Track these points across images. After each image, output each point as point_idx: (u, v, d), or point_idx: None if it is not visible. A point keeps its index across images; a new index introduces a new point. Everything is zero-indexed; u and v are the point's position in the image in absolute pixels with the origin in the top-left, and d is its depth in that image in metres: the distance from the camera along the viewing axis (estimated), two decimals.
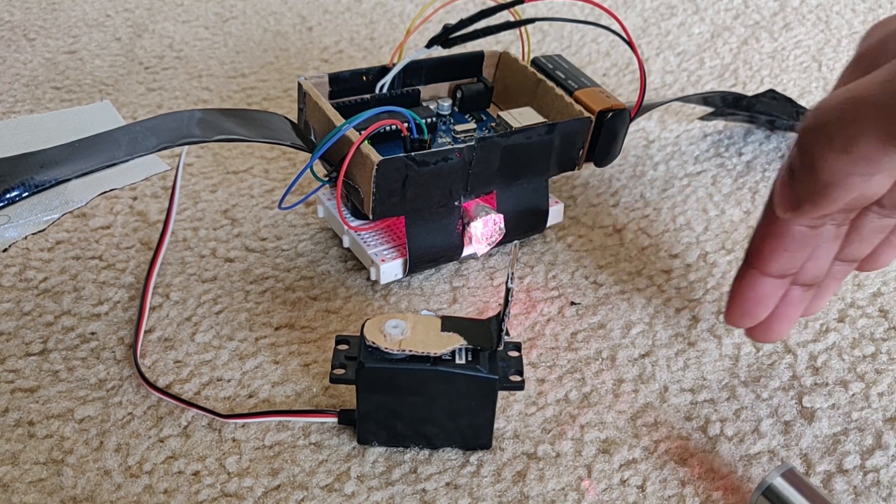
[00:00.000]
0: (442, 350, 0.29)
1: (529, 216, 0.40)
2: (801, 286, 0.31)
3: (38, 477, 0.30)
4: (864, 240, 0.31)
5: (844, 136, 0.24)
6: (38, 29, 0.60)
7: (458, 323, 0.30)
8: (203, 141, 0.32)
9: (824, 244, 0.30)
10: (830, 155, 0.25)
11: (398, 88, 0.42)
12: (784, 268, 0.30)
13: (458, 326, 0.30)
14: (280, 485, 0.30)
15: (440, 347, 0.29)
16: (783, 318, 0.32)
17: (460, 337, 0.29)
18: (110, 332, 0.36)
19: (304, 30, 0.61)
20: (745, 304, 0.31)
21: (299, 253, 0.40)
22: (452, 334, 0.29)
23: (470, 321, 0.30)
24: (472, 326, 0.30)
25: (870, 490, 0.30)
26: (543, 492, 0.30)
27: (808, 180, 0.26)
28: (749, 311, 0.31)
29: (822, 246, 0.30)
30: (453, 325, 0.30)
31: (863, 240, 0.31)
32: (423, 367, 0.29)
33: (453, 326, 0.30)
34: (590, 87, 0.41)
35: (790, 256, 0.30)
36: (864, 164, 0.25)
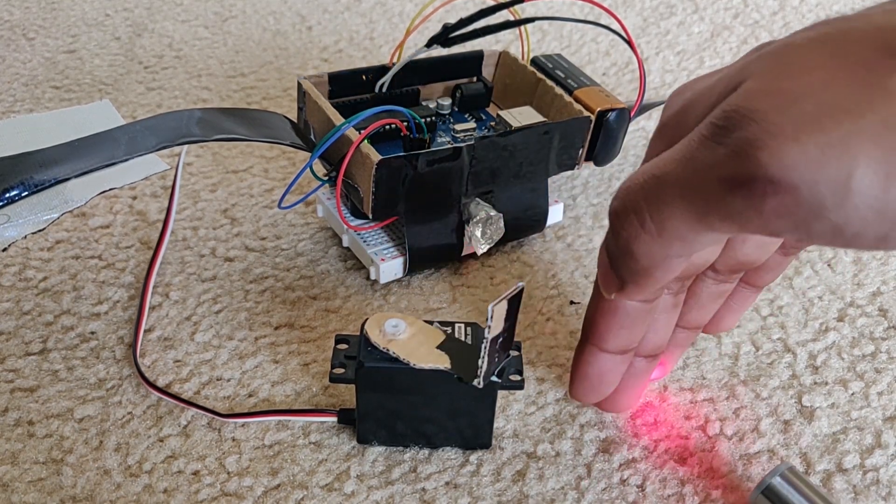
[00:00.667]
0: (421, 364, 0.29)
1: (529, 215, 0.40)
2: (643, 357, 0.30)
3: (37, 476, 0.30)
4: (703, 306, 0.31)
5: (655, 218, 0.23)
6: (38, 28, 0.60)
7: (458, 347, 0.29)
8: (202, 140, 0.32)
9: (663, 314, 0.29)
10: (644, 239, 0.23)
11: (398, 88, 0.42)
12: (622, 344, 0.28)
13: (455, 350, 0.29)
14: (280, 484, 0.30)
15: (421, 361, 0.29)
16: (630, 390, 0.31)
17: (448, 360, 0.29)
18: (110, 331, 0.36)
19: (304, 29, 0.61)
20: (587, 380, 0.29)
21: (299, 252, 0.40)
22: (443, 354, 0.29)
23: (473, 347, 0.30)
24: (471, 353, 0.29)
25: (869, 489, 0.30)
26: (543, 491, 0.30)
27: (627, 264, 0.25)
28: (593, 387, 0.30)
29: (661, 316, 0.29)
30: (453, 347, 0.29)
31: (702, 306, 0.30)
32: (423, 367, 0.29)
33: (451, 348, 0.29)
34: (589, 86, 0.41)
35: (627, 333, 0.28)
36: (679, 246, 0.23)
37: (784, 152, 0.19)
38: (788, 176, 0.19)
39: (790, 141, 0.19)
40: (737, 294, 0.31)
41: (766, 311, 0.38)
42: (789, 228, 0.20)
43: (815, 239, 0.20)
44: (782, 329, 0.37)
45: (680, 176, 0.22)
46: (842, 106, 0.19)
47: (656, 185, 0.23)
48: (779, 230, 0.20)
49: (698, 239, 0.23)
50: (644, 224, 0.23)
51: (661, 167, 0.23)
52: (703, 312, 0.31)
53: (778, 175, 0.19)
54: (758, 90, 0.21)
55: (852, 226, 0.19)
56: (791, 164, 0.19)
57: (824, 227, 0.20)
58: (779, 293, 0.39)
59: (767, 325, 0.37)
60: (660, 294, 0.28)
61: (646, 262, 0.24)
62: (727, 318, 0.32)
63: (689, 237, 0.23)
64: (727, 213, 0.21)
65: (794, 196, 0.19)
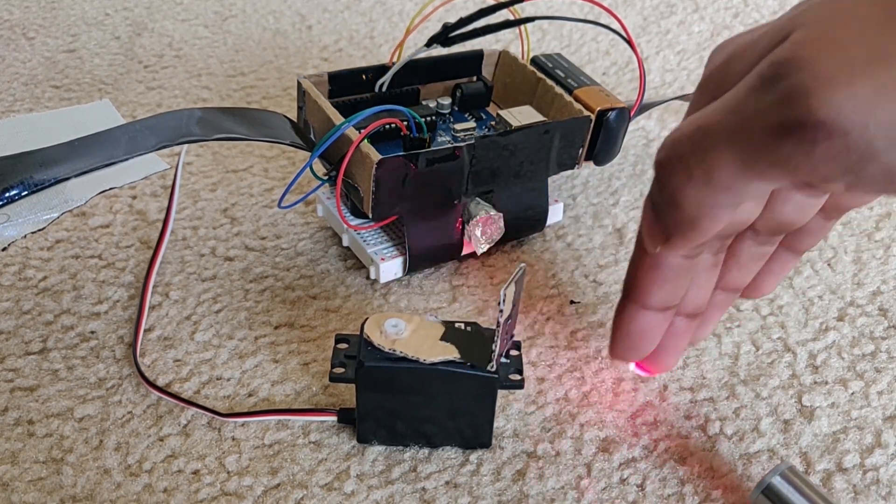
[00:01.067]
0: (431, 358, 0.29)
1: (529, 215, 0.40)
2: (684, 316, 0.30)
3: (37, 476, 0.30)
4: (743, 267, 0.31)
5: (703, 167, 0.23)
6: (38, 28, 0.60)
7: (460, 335, 0.30)
8: (202, 140, 0.32)
9: (703, 273, 0.29)
10: (691, 189, 0.24)
11: (398, 87, 0.42)
12: (664, 300, 0.29)
13: (459, 339, 0.29)
14: (280, 483, 0.30)
15: (431, 355, 0.29)
16: (670, 350, 0.31)
17: (455, 350, 0.29)
18: (110, 330, 0.36)
19: (304, 28, 0.61)
20: (629, 338, 0.30)
21: (299, 252, 0.40)
22: (449, 345, 0.29)
23: (474, 335, 0.30)
24: (473, 341, 0.29)
25: (869, 488, 0.30)
26: (543, 490, 0.30)
27: (673, 215, 0.25)
28: (634, 345, 0.30)
29: (702, 275, 0.29)
30: (454, 336, 0.29)
31: (741, 267, 0.30)
32: (423, 366, 0.29)
33: (453, 338, 0.29)
34: (589, 85, 0.40)
35: (669, 288, 0.28)
36: (726, 195, 0.23)
37: (834, 96, 0.20)
38: (839, 120, 0.20)
39: (841, 85, 0.20)
40: (777, 258, 0.31)
41: (766, 311, 0.38)
42: (840, 173, 0.20)
43: (867, 184, 0.21)
44: (782, 328, 0.37)
45: (728, 125, 0.22)
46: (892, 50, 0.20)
47: (703, 134, 0.23)
48: (829, 175, 0.21)
49: (746, 188, 0.23)
50: (691, 173, 0.23)
51: (708, 118, 0.23)
52: (743, 273, 0.31)
53: (828, 119, 0.20)
54: (806, 40, 0.21)
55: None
56: (842, 107, 0.20)
57: (876, 171, 0.20)
58: (779, 292, 0.39)
59: (767, 325, 0.37)
60: (701, 251, 0.28)
61: (693, 212, 0.24)
62: (767, 281, 0.32)
63: (736, 186, 0.23)
64: (776, 159, 0.21)
65: (845, 140, 0.20)
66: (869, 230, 0.43)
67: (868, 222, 0.43)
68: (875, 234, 0.42)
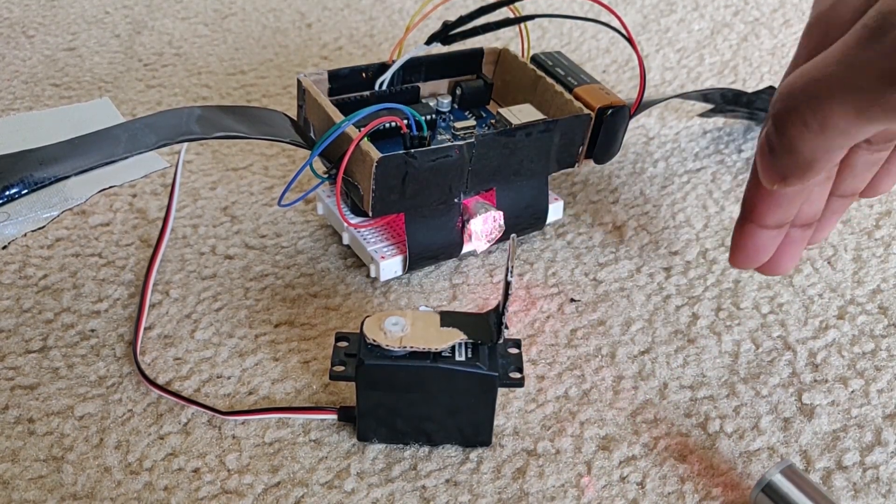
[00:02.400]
0: (442, 345, 0.29)
1: (529, 213, 0.40)
2: (800, 227, 0.32)
3: (38, 474, 0.30)
4: (858, 175, 0.32)
5: (818, 117, 0.24)
6: (38, 26, 0.60)
7: (456, 318, 0.30)
8: (202, 138, 0.32)
9: (817, 188, 0.31)
10: (808, 136, 0.25)
11: (398, 85, 0.42)
12: (780, 219, 0.31)
13: (457, 321, 0.30)
14: (280, 482, 0.30)
15: (441, 343, 0.29)
16: (787, 256, 0.33)
17: (460, 332, 0.29)
18: (110, 329, 0.36)
19: (304, 26, 0.61)
20: (746, 252, 0.32)
21: (299, 250, 0.40)
22: (452, 329, 0.29)
23: (468, 315, 0.30)
24: (470, 321, 0.30)
25: (869, 487, 0.30)
26: (543, 488, 0.30)
27: (790, 159, 0.27)
28: (751, 257, 0.32)
29: (816, 189, 0.31)
30: (452, 320, 0.30)
31: (856, 175, 0.31)
32: (423, 365, 0.29)
33: (452, 322, 0.30)
34: (589, 83, 0.40)
35: (784, 210, 0.30)
36: (841, 140, 0.25)
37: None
38: None
39: None
40: (893, 158, 0.32)
41: (766, 309, 0.38)
42: None
43: None
44: (782, 327, 0.37)
45: (840, 76, 0.24)
46: None
47: (817, 86, 0.24)
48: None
49: (859, 133, 0.24)
50: (808, 123, 0.25)
51: (821, 69, 0.24)
52: (858, 181, 0.32)
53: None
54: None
55: None
56: None
57: None
58: (779, 291, 0.39)
59: (767, 323, 0.37)
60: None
61: (810, 156, 0.26)
62: (885, 180, 0.32)
63: (850, 131, 0.24)
64: (888, 106, 0.23)
65: None
66: (869, 228, 0.43)
67: (868, 220, 0.43)
68: (875, 233, 0.42)
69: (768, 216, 0.30)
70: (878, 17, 0.23)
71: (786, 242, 0.32)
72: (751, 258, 0.32)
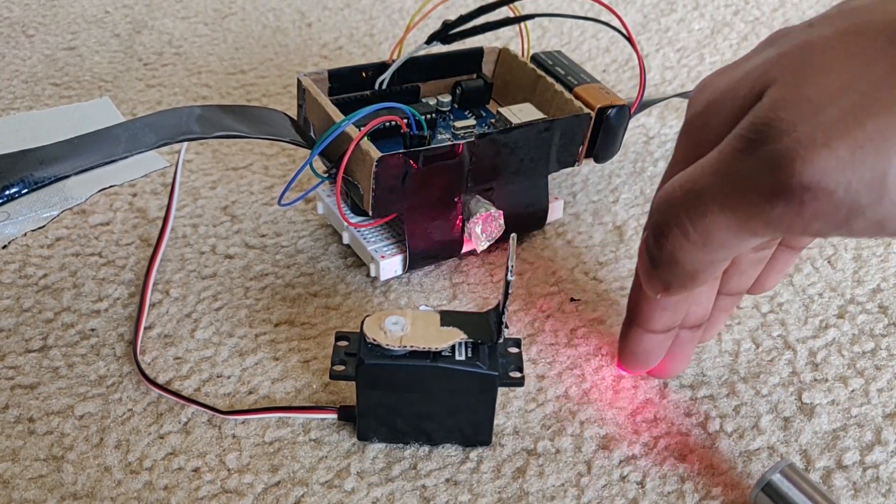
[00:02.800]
0: (443, 344, 0.29)
1: (529, 212, 0.40)
2: (688, 328, 0.31)
3: (38, 473, 0.30)
4: (744, 273, 0.31)
5: (699, 230, 0.24)
6: (37, 25, 0.60)
7: (456, 317, 0.30)
8: (202, 137, 0.32)
9: (704, 288, 0.30)
10: (689, 248, 0.24)
11: (397, 85, 0.42)
12: (667, 324, 0.30)
13: (457, 321, 0.30)
14: (280, 481, 0.30)
15: (441, 342, 0.29)
16: (678, 358, 0.32)
17: (460, 331, 0.29)
18: (110, 328, 0.36)
19: (304, 26, 0.61)
20: (636, 357, 0.31)
21: (299, 249, 0.40)
22: (452, 329, 0.29)
23: (468, 315, 0.30)
24: (470, 320, 0.30)
25: (869, 486, 0.30)
26: (543, 488, 0.30)
27: (671, 270, 0.26)
28: (641, 361, 0.31)
29: (703, 291, 0.30)
30: (452, 319, 0.30)
31: (742, 273, 0.31)
32: (423, 364, 0.29)
33: (452, 321, 0.30)
34: (589, 83, 0.40)
35: (671, 314, 0.29)
36: (725, 251, 0.24)
37: (817, 159, 0.20)
38: (823, 181, 0.20)
39: (821, 147, 0.20)
40: (777, 256, 0.32)
41: (766, 308, 0.38)
42: (831, 228, 0.21)
43: (859, 234, 0.21)
44: (782, 326, 0.37)
45: (719, 188, 0.23)
46: (867, 107, 0.20)
47: (696, 198, 0.23)
48: (821, 231, 0.22)
49: (742, 244, 0.24)
50: (688, 235, 0.24)
51: (698, 180, 0.23)
52: (745, 278, 0.31)
53: (813, 181, 0.20)
54: (783, 99, 0.22)
55: (893, 219, 0.20)
56: (825, 169, 0.20)
57: (865, 224, 0.21)
58: (779, 290, 0.39)
59: (767, 322, 0.37)
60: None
61: (691, 268, 0.25)
62: (770, 278, 0.32)
63: (733, 244, 0.24)
64: (769, 220, 0.22)
65: (832, 199, 0.20)
66: None
67: None
68: None
69: (655, 321, 0.30)
70: (752, 127, 0.22)
71: (675, 345, 0.31)
72: (640, 362, 0.31)
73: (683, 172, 0.24)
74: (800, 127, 0.21)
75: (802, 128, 0.21)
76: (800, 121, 0.21)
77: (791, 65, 0.22)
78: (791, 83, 0.22)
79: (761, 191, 0.22)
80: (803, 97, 0.21)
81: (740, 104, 0.23)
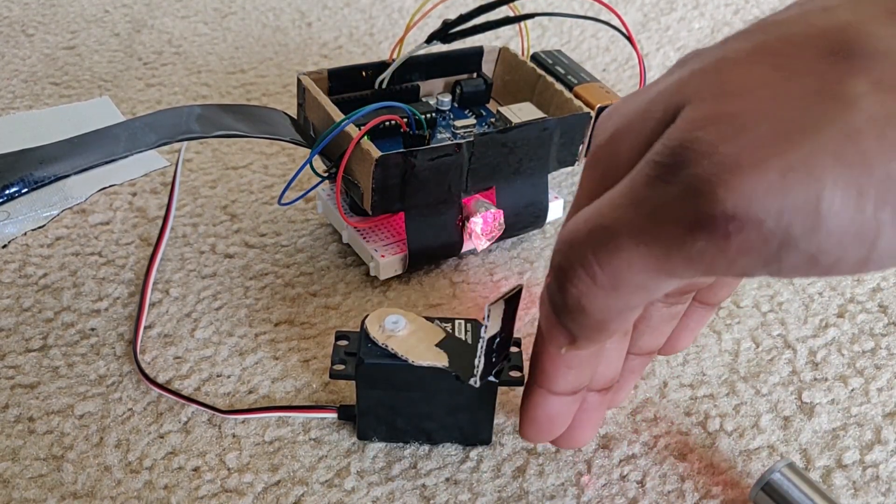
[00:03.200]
0: (420, 361, 0.29)
1: (529, 212, 0.40)
2: (596, 392, 0.28)
3: (38, 473, 0.30)
4: (656, 330, 0.28)
5: (607, 271, 0.20)
6: (37, 24, 0.60)
7: (457, 345, 0.29)
8: (202, 137, 0.32)
9: (613, 347, 0.27)
10: (597, 293, 0.21)
11: (397, 84, 0.42)
12: (573, 385, 0.26)
13: (454, 348, 0.29)
14: (280, 480, 0.30)
15: (419, 358, 0.29)
16: (585, 426, 0.28)
17: (445, 359, 0.29)
18: (110, 328, 0.36)
19: (304, 25, 0.61)
20: (538, 423, 0.27)
21: (299, 249, 0.40)
22: (441, 352, 0.29)
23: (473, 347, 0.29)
24: (469, 351, 0.29)
25: (869, 485, 0.30)
26: (543, 487, 0.30)
27: (578, 321, 0.22)
28: (544, 428, 0.27)
29: (612, 350, 0.27)
30: (451, 345, 0.29)
31: (654, 330, 0.28)
32: (421, 364, 0.29)
33: (450, 346, 0.29)
34: (589, 82, 0.40)
35: (577, 373, 0.26)
36: (639, 296, 0.21)
37: (742, 184, 0.17)
38: (751, 209, 0.17)
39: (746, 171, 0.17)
40: (691, 313, 0.29)
41: (765, 308, 0.38)
42: (759, 265, 0.18)
43: (790, 272, 0.18)
44: (782, 325, 0.37)
45: (631, 222, 0.20)
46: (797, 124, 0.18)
47: (605, 234, 0.20)
48: (748, 269, 0.19)
49: (659, 287, 0.21)
50: (595, 278, 0.21)
51: (607, 213, 0.20)
52: (657, 336, 0.28)
53: (739, 210, 0.18)
54: (700, 118, 0.19)
55: (828, 253, 0.17)
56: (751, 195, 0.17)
57: (798, 259, 0.18)
58: (779, 289, 0.39)
59: (767, 322, 0.37)
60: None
61: (600, 317, 0.22)
62: (682, 337, 0.30)
63: (648, 286, 0.20)
64: (689, 256, 0.19)
65: (760, 230, 0.18)
66: None
67: None
68: None
69: (560, 381, 0.26)
70: (666, 150, 0.19)
71: (582, 410, 0.27)
72: (543, 430, 0.27)
73: (588, 207, 0.21)
74: (721, 148, 0.18)
75: (725, 149, 0.18)
76: (721, 141, 0.18)
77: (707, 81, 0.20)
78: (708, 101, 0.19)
79: (680, 222, 0.19)
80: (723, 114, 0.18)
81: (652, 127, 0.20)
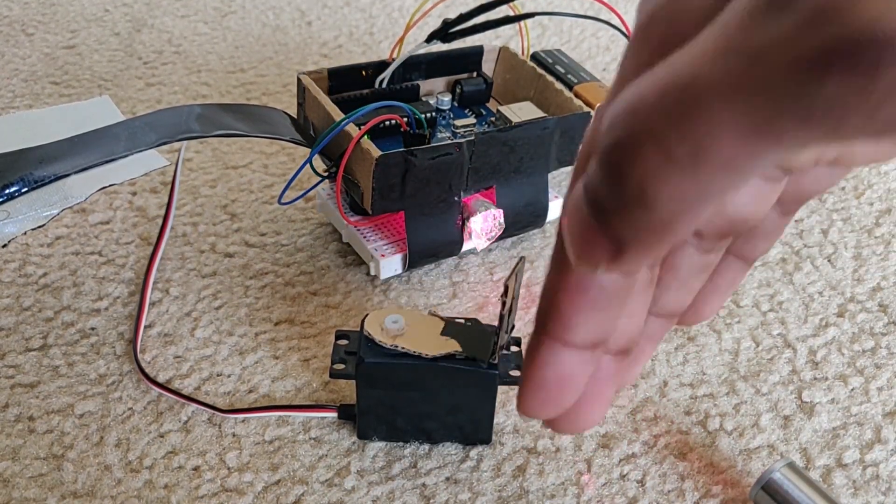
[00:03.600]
0: (434, 352, 0.29)
1: (529, 211, 0.40)
2: (613, 355, 0.23)
3: (38, 472, 0.30)
4: (684, 284, 0.23)
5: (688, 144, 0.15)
6: (37, 24, 0.60)
7: (460, 329, 0.30)
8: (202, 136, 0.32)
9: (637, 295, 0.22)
10: (671, 175, 0.16)
11: (397, 83, 0.42)
12: (596, 333, 0.21)
13: (459, 333, 0.29)
14: (280, 480, 0.30)
15: (433, 350, 0.29)
16: (596, 400, 0.22)
17: (457, 344, 0.29)
18: (110, 327, 0.36)
19: (304, 24, 0.61)
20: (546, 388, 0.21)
21: (299, 248, 0.40)
22: (450, 339, 0.29)
23: (474, 328, 0.30)
24: (471, 334, 0.29)
25: (869, 484, 0.30)
26: (543, 486, 0.30)
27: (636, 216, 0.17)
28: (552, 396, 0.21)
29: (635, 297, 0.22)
30: (455, 330, 0.30)
31: (681, 284, 0.23)
32: (424, 363, 0.29)
33: (454, 332, 0.29)
34: (589, 81, 0.40)
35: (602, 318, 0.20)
36: (723, 178, 0.16)
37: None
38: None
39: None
40: (723, 269, 0.24)
41: (766, 307, 0.38)
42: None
43: None
44: (782, 325, 0.37)
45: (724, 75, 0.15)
46: None
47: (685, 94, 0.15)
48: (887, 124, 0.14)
49: (754, 163, 0.16)
50: (671, 153, 0.16)
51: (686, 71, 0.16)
52: (683, 294, 0.23)
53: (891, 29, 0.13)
54: None
55: None
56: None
57: None
58: (779, 289, 0.39)
59: (767, 321, 0.37)
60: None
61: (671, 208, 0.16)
62: (710, 301, 0.24)
63: (737, 163, 0.16)
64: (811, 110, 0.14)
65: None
66: (869, 226, 0.43)
67: (868, 218, 0.43)
68: (875, 230, 0.42)
69: (581, 327, 0.20)
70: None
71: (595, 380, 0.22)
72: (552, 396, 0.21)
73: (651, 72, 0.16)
74: None
75: None
76: None
77: None
78: None
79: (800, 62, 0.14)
80: None
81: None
